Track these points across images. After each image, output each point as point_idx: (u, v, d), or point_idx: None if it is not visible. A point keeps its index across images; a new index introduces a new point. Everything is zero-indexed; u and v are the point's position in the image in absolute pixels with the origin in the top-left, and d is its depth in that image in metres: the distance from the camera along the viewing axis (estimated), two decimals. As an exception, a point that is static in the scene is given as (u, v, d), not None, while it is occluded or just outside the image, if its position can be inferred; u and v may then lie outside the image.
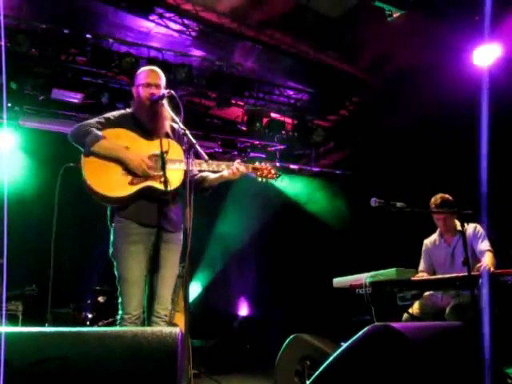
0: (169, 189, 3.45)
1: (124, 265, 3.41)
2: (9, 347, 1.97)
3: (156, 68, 3.73)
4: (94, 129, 3.42)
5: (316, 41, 7.41)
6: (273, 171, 3.87)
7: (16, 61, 6.32)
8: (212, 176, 3.74)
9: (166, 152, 3.47)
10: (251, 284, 9.48)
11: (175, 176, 3.48)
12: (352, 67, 7.89)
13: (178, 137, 3.67)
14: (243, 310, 9.50)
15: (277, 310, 8.56)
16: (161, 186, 3.44)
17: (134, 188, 3.41)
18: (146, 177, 3.43)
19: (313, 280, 7.81)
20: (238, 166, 3.65)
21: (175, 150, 3.55)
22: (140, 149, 3.49)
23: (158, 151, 3.50)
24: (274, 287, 8.91)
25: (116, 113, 3.68)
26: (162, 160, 3.46)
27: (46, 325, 5.76)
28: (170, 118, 3.57)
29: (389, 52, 7.41)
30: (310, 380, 2.86)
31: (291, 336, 4.49)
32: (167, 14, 6.84)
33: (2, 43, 6.10)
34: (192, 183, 3.18)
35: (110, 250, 3.51)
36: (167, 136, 3.62)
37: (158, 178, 3.45)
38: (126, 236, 3.43)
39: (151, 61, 6.82)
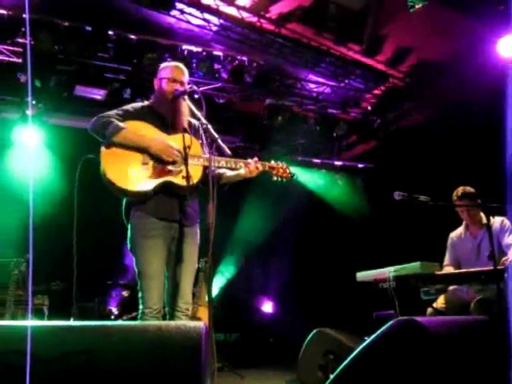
0: (189, 185, 3.45)
1: (143, 259, 3.42)
2: (35, 341, 1.99)
3: (181, 64, 3.75)
4: (114, 120, 3.41)
5: (337, 34, 7.36)
6: (288, 170, 3.95)
7: (39, 58, 6.37)
8: (229, 173, 3.74)
9: (189, 147, 3.47)
10: (274, 278, 9.48)
11: (194, 172, 3.49)
12: (374, 60, 7.82)
13: (194, 132, 3.69)
14: (266, 304, 9.50)
15: (300, 304, 8.54)
16: (181, 182, 3.44)
17: (155, 183, 3.40)
18: (166, 170, 3.42)
19: (336, 274, 7.78)
20: (255, 165, 3.69)
21: (194, 146, 3.56)
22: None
23: (177, 146, 3.49)
24: (298, 281, 8.90)
25: (135, 105, 3.68)
26: (184, 155, 3.45)
27: (72, 319, 5.84)
28: (190, 114, 3.59)
29: (411, 44, 7.33)
30: (334, 374, 2.85)
31: (315, 330, 4.50)
32: (188, 9, 6.84)
33: (28, 42, 6.19)
34: (214, 178, 3.18)
35: (129, 245, 3.52)
36: (185, 131, 3.62)
37: (178, 173, 3.46)
38: (145, 231, 3.43)
39: (173, 56, 6.84)
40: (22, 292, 5.89)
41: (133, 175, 3.37)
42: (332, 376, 2.93)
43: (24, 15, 6.24)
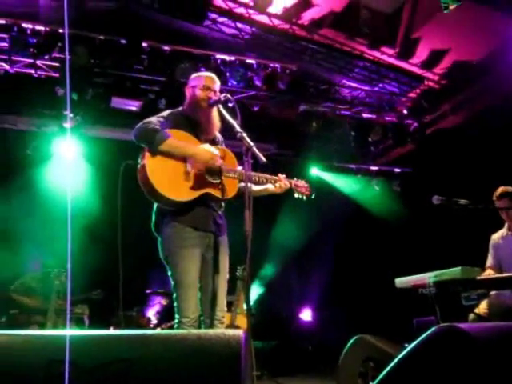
0: (226, 197, 3.53)
1: (181, 269, 3.43)
2: (76, 349, 2.02)
3: (213, 74, 3.79)
4: (159, 127, 3.42)
5: (370, 38, 7.31)
6: (309, 189, 4.08)
7: (76, 72, 6.50)
8: (255, 188, 3.76)
9: (223, 159, 3.54)
10: (312, 285, 9.42)
11: (231, 185, 3.56)
12: (408, 63, 7.74)
13: (220, 143, 3.79)
14: (304, 311, 9.45)
15: (339, 311, 8.47)
16: (218, 194, 3.51)
17: (196, 194, 3.44)
18: (206, 181, 3.46)
19: (375, 281, 7.69)
20: (283, 183, 3.84)
21: (229, 158, 3.62)
22: None
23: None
24: (336, 288, 8.83)
25: (166, 113, 3.67)
26: (219, 167, 3.50)
27: (111, 328, 5.92)
28: (224, 122, 3.61)
29: (446, 45, 7.23)
30: (375, 382, 2.81)
31: (354, 337, 4.44)
32: (220, 19, 6.91)
33: (67, 56, 6.32)
34: (249, 187, 3.19)
35: (163, 255, 3.54)
36: (213, 141, 3.70)
37: (216, 186, 3.51)
38: (181, 240, 3.45)
39: (206, 65, 6.90)
40: (63, 301, 6.00)
41: (175, 184, 3.40)
42: (373, 384, 2.89)
43: (60, 30, 6.39)
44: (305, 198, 4.05)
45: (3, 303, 6.34)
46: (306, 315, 9.39)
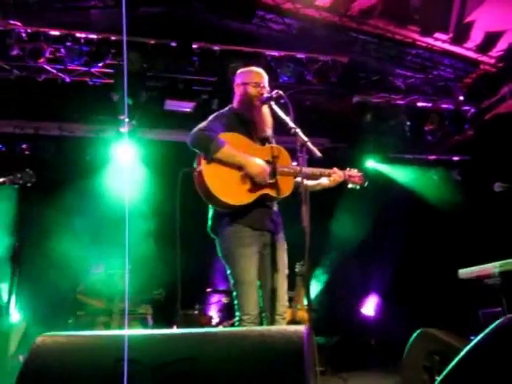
0: (282, 195, 3.56)
1: (240, 267, 3.47)
2: (141, 349, 2.07)
3: (260, 69, 3.79)
4: (215, 134, 3.45)
5: (422, 24, 7.15)
6: (362, 178, 4.06)
7: (130, 77, 6.64)
8: (309, 183, 3.79)
9: (277, 157, 3.58)
10: (373, 279, 9.30)
11: (287, 183, 3.59)
12: (462, 47, 7.53)
13: (272, 140, 3.78)
14: (366, 305, 9.34)
15: (401, 304, 8.33)
16: (275, 194, 3.55)
17: (254, 196, 3.49)
18: (264, 185, 3.50)
19: (437, 272, 7.53)
20: (338, 175, 3.87)
21: (283, 156, 3.63)
22: (256, 155, 3.55)
23: (269, 157, 3.59)
24: (397, 281, 8.69)
25: (219, 114, 3.68)
26: (274, 166, 3.55)
27: (174, 327, 6.01)
28: (277, 119, 3.62)
29: (500, 28, 7.00)
30: (442, 376, 2.75)
31: (418, 331, 4.36)
32: (268, 16, 6.90)
33: (125, 63, 6.47)
34: (306, 183, 3.20)
35: (221, 255, 3.59)
36: (266, 139, 3.72)
37: (272, 186, 3.54)
38: (239, 239, 3.49)
39: (256, 62, 6.90)
40: (127, 302, 6.14)
41: (234, 189, 3.45)
42: (439, 378, 2.83)
43: (112, 37, 6.54)
44: (358, 187, 4.01)
45: (70, 305, 6.55)
46: (368, 309, 9.28)
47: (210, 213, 3.66)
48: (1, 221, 6.93)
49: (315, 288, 8.57)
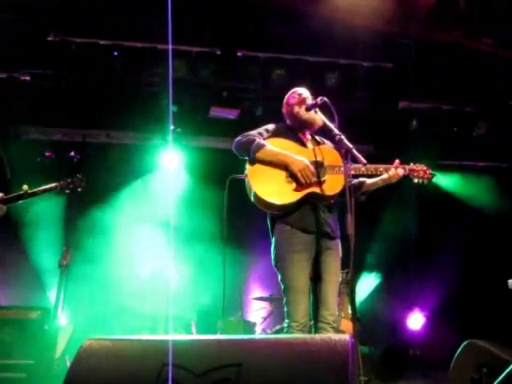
0: (330, 194, 3.51)
1: (291, 274, 3.47)
2: (187, 354, 2.08)
3: (303, 89, 3.88)
4: (257, 137, 3.55)
5: (469, 29, 7.01)
6: (428, 171, 3.86)
7: (175, 85, 6.73)
8: (369, 181, 3.75)
9: (325, 157, 3.57)
10: (419, 288, 9.14)
11: (336, 181, 3.53)
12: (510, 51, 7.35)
13: (332, 143, 3.75)
14: (412, 315, 9.18)
15: (448, 315, 8.16)
16: (323, 192, 3.51)
17: (300, 194, 3.48)
18: (309, 183, 3.47)
19: (486, 282, 7.36)
20: (396, 170, 3.68)
21: (333, 156, 3.59)
22: (300, 155, 3.56)
23: (316, 158, 3.57)
24: (444, 291, 8.52)
25: (271, 126, 3.79)
26: (321, 166, 3.54)
27: (219, 333, 6.04)
28: (323, 126, 3.63)
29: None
30: (491, 389, 2.68)
31: (465, 342, 4.27)
32: (311, 23, 6.87)
33: (170, 71, 6.57)
34: (351, 188, 3.18)
35: (273, 260, 3.59)
36: (318, 143, 3.76)
37: (320, 184, 3.51)
38: (290, 245, 3.49)
39: (300, 70, 6.90)
40: (172, 307, 6.21)
41: (278, 189, 3.47)
42: (489, 390, 2.76)
43: (158, 46, 6.63)
44: (425, 182, 3.88)
45: (116, 309, 6.67)
46: (414, 319, 9.11)
47: (268, 216, 3.70)
48: (50, 225, 7.11)
49: (360, 296, 8.47)
